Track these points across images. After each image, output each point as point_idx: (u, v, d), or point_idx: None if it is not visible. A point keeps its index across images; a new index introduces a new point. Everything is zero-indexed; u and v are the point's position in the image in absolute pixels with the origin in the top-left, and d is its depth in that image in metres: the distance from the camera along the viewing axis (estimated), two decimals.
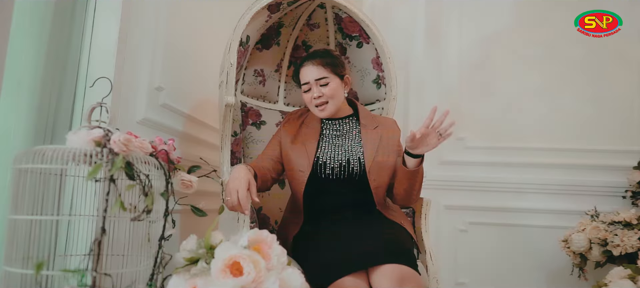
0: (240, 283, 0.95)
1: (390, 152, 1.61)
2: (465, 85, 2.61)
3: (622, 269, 1.54)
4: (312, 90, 1.59)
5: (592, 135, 2.46)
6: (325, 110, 1.59)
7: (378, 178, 1.56)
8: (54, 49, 1.41)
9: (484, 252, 2.47)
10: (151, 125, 1.71)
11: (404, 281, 1.24)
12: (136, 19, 1.61)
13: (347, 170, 1.57)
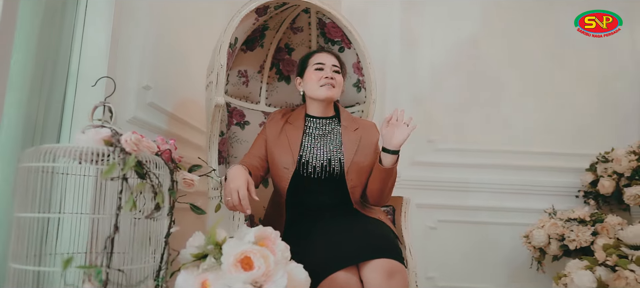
0: (252, 277, 1.01)
1: (368, 153, 1.69)
2: (437, 89, 2.76)
3: (578, 261, 1.71)
4: (325, 70, 1.69)
5: (551, 140, 2.67)
6: (331, 90, 1.68)
7: (355, 178, 1.64)
8: (44, 47, 1.40)
9: (451, 248, 2.62)
10: (139, 123, 1.72)
11: (392, 274, 1.34)
12: (127, 18, 1.61)
13: (328, 170, 1.64)
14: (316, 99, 1.75)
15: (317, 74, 1.73)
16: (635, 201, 2.13)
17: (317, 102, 1.77)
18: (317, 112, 1.79)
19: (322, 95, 1.71)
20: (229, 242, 1.10)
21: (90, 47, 1.49)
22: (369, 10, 2.68)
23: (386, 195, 1.65)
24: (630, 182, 2.19)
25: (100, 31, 1.50)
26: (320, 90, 1.71)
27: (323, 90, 1.70)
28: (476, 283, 2.60)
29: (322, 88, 1.70)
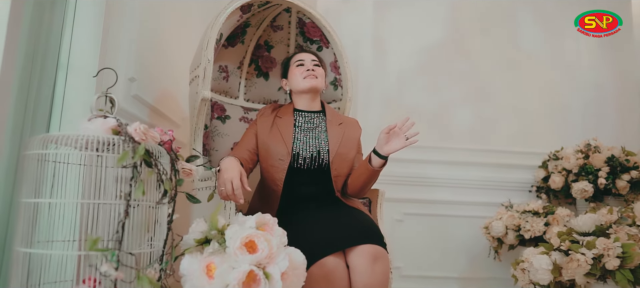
0: (257, 259, 1.09)
1: (351, 146, 1.81)
2: (405, 90, 2.91)
3: (534, 248, 1.90)
4: (306, 65, 1.81)
5: (507, 139, 2.89)
6: (314, 80, 1.79)
7: (338, 168, 1.75)
8: (33, 38, 1.40)
9: (416, 239, 2.78)
10: (124, 115, 1.73)
11: (376, 259, 1.45)
12: (116, 10, 1.62)
13: (317, 161, 1.74)
14: (302, 91, 1.84)
15: (299, 69, 1.82)
16: (581, 195, 2.37)
17: (303, 96, 1.85)
18: (304, 106, 1.87)
19: (307, 85, 1.80)
20: (231, 228, 1.17)
21: (81, 39, 1.49)
22: (342, 12, 2.79)
23: (366, 191, 1.77)
24: (578, 177, 2.43)
25: (92, 23, 1.51)
26: (304, 82, 1.80)
27: (306, 81, 1.80)
28: (439, 272, 2.78)
29: (305, 80, 1.80)
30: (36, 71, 1.43)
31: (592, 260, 1.58)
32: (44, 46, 1.45)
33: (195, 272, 1.12)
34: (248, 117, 2.26)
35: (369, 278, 1.43)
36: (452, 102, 2.94)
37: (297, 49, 2.32)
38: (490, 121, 2.93)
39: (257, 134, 1.80)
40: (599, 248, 1.58)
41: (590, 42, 2.99)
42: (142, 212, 1.14)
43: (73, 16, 1.51)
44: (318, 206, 1.67)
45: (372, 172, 1.64)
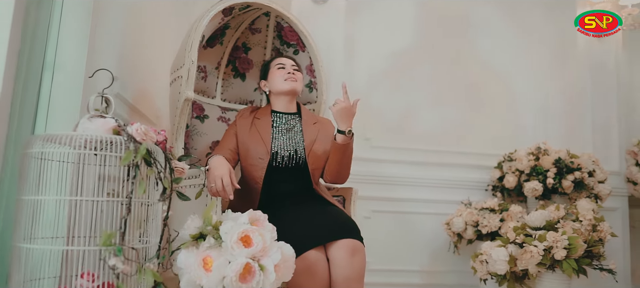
0: (252, 252, 1.18)
1: (326, 142, 1.92)
2: (373, 93, 3.05)
3: (491, 242, 2.08)
4: (286, 68, 1.90)
5: (466, 142, 3.10)
6: (294, 83, 1.90)
7: (315, 162, 1.86)
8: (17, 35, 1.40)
9: (383, 235, 2.93)
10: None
11: (355, 252, 1.57)
12: (102, 11, 1.65)
13: (295, 159, 1.84)
14: (281, 93, 1.93)
15: (280, 71, 1.92)
16: (532, 193, 2.60)
17: (281, 97, 1.94)
18: (281, 107, 1.96)
19: (287, 87, 1.90)
20: (226, 224, 1.25)
21: (68, 39, 1.50)
22: (315, 16, 2.88)
23: (344, 171, 1.87)
24: (529, 177, 2.66)
25: (79, 23, 1.52)
26: (284, 84, 1.90)
27: (287, 83, 1.90)
28: (403, 266, 2.94)
29: (286, 82, 1.90)
30: (22, 69, 1.43)
31: (543, 252, 1.77)
32: (29, 42, 1.45)
33: (192, 266, 1.19)
34: (226, 117, 2.32)
35: (348, 270, 1.54)
36: (417, 106, 3.12)
37: (274, 52, 2.40)
38: (452, 124, 3.13)
39: (237, 134, 1.88)
40: (549, 241, 1.77)
41: (542, 54, 3.25)
42: (135, 209, 1.19)
43: (60, 16, 1.52)
44: (297, 202, 1.77)
45: (341, 147, 1.76)
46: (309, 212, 1.68)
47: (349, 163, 1.86)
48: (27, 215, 1.07)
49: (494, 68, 3.22)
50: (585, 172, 2.56)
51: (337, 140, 1.77)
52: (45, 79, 1.49)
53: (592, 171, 2.60)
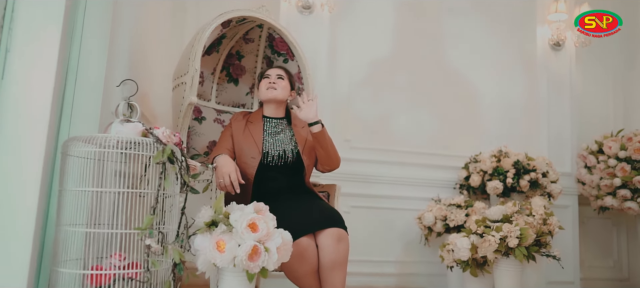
0: (259, 237, 1.41)
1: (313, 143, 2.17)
2: (354, 97, 3.31)
3: (457, 234, 2.37)
4: (270, 78, 2.13)
5: (437, 144, 3.40)
6: (273, 92, 2.12)
7: (308, 159, 2.12)
8: (64, 55, 1.59)
9: (361, 229, 3.19)
10: None
11: (340, 239, 1.82)
12: (117, 24, 1.84)
13: (283, 159, 2.08)
14: (264, 101, 2.17)
15: (264, 82, 2.16)
16: (493, 191, 2.92)
17: (268, 104, 2.18)
18: (270, 113, 2.19)
19: (267, 96, 2.15)
20: (234, 213, 1.48)
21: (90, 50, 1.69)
22: (302, 25, 3.12)
23: (333, 156, 2.13)
24: (491, 177, 2.97)
25: (100, 36, 1.71)
26: (265, 92, 2.14)
27: (267, 92, 2.14)
28: (379, 257, 3.22)
29: (267, 91, 2.14)
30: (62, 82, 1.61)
31: (499, 240, 2.07)
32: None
33: (206, 248, 1.42)
34: (221, 119, 2.54)
35: (334, 255, 1.79)
36: (394, 110, 3.40)
37: (265, 60, 2.63)
38: (424, 128, 3.42)
39: (233, 135, 2.10)
40: (504, 232, 2.07)
41: (506, 65, 3.58)
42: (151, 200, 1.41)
43: (81, 30, 1.70)
44: (288, 197, 2.01)
45: (318, 136, 2.03)
46: (300, 204, 1.92)
47: (333, 148, 2.12)
48: (70, 203, 1.27)
49: (464, 77, 3.53)
50: (539, 173, 2.89)
51: (313, 131, 2.03)
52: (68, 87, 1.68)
53: (546, 172, 2.94)
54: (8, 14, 1.26)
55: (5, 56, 1.25)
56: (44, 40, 1.29)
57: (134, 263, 1.31)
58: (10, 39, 1.26)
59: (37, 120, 1.26)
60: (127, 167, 1.33)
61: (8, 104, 1.24)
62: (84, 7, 1.50)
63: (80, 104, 1.67)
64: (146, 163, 1.36)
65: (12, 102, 1.24)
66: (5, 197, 1.21)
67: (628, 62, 3.80)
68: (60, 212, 1.29)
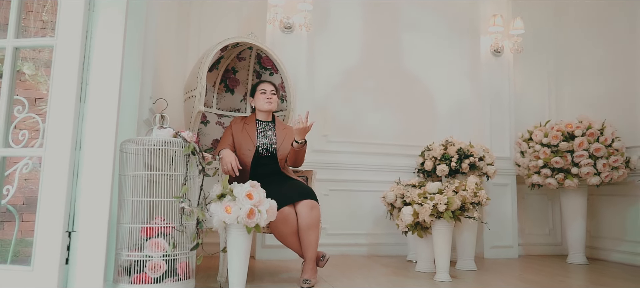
0: (253, 203, 2.10)
1: (288, 142, 2.84)
2: (330, 100, 4.00)
3: (407, 207, 3.07)
4: (266, 93, 2.80)
5: (399, 136, 4.10)
6: (270, 104, 2.81)
7: (282, 154, 2.80)
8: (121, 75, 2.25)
9: (338, 208, 3.89)
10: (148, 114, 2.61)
11: (312, 208, 2.51)
12: (144, 49, 2.49)
13: (270, 151, 2.77)
14: (262, 110, 2.84)
15: (262, 95, 2.82)
16: (442, 173, 3.62)
17: (262, 111, 2.85)
18: (262, 118, 2.87)
19: (265, 107, 2.82)
20: (236, 188, 2.16)
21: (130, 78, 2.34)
22: (284, 42, 3.79)
23: (299, 162, 2.82)
24: (440, 162, 3.68)
25: (134, 69, 2.35)
26: (264, 105, 2.81)
27: (265, 105, 2.81)
28: (353, 230, 3.92)
29: (265, 104, 2.81)
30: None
31: (432, 207, 2.77)
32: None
33: (218, 211, 2.10)
34: (221, 121, 3.22)
35: (309, 219, 2.49)
36: (363, 109, 4.09)
37: (254, 73, 3.30)
38: (389, 123, 4.12)
39: (233, 134, 2.78)
40: (436, 200, 2.77)
41: (456, 69, 4.29)
42: (177, 181, 2.09)
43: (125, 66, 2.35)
44: (275, 179, 2.70)
45: (295, 151, 2.71)
46: (284, 184, 2.62)
47: (302, 157, 2.80)
48: (127, 183, 1.95)
49: (420, 80, 4.24)
50: (477, 158, 3.60)
51: (294, 147, 2.69)
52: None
53: (483, 157, 3.65)
54: (86, 60, 1.93)
55: (86, 88, 1.92)
56: (108, 76, 1.95)
57: (170, 226, 1.99)
58: (88, 76, 1.93)
59: (107, 128, 1.92)
60: (158, 159, 2.00)
61: (89, 118, 1.91)
62: (127, 49, 2.15)
63: (125, 115, 2.34)
64: (173, 156, 2.04)
65: (91, 117, 1.91)
66: (93, 177, 1.88)
67: (558, 64, 4.53)
68: (121, 188, 1.97)
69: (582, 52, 4.30)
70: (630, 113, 3.79)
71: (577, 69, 4.35)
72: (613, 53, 4.01)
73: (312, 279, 2.49)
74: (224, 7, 3.95)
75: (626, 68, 3.87)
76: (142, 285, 1.86)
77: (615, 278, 3.09)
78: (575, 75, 4.36)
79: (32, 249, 1.80)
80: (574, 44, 4.40)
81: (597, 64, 4.16)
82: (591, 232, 4.14)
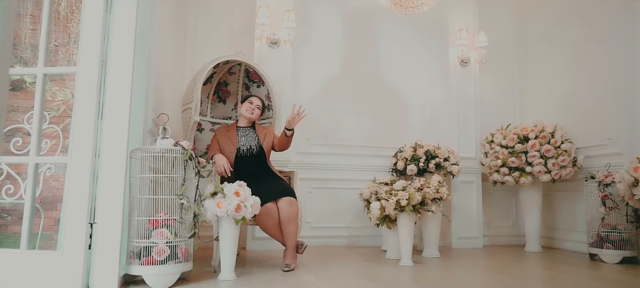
0: (240, 199, 2.55)
1: (269, 140, 3.29)
2: (312, 106, 4.44)
3: (375, 202, 3.52)
4: (252, 104, 3.25)
5: (376, 139, 4.55)
6: (253, 114, 3.26)
7: (267, 147, 3.26)
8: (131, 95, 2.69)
9: (320, 204, 4.35)
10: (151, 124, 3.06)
11: (291, 204, 2.96)
12: (150, 70, 2.93)
13: (251, 151, 3.22)
14: (244, 116, 3.29)
15: (248, 105, 3.28)
16: (411, 172, 4.08)
17: (243, 117, 3.29)
18: (243, 124, 3.32)
19: (246, 115, 3.28)
20: (226, 187, 2.61)
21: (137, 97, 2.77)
22: (271, 57, 4.23)
23: (286, 147, 3.29)
24: (410, 162, 4.13)
25: (140, 89, 2.80)
26: (248, 114, 3.27)
27: (247, 112, 3.26)
28: (334, 224, 4.37)
29: (247, 111, 3.28)
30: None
31: (395, 202, 3.23)
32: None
33: (211, 206, 2.55)
34: (214, 129, 3.66)
35: (288, 213, 2.94)
36: (342, 115, 4.55)
37: (244, 86, 3.75)
38: (366, 127, 4.58)
39: (218, 141, 3.22)
40: (399, 196, 3.23)
41: (427, 77, 4.75)
42: (177, 182, 2.53)
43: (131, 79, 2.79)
44: (259, 178, 3.14)
45: (285, 137, 3.18)
46: (267, 183, 3.06)
47: (290, 142, 3.26)
48: (137, 184, 2.39)
49: (395, 87, 4.70)
50: (442, 158, 4.06)
51: (286, 135, 3.16)
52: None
53: (448, 157, 4.11)
54: (102, 85, 2.37)
55: (102, 107, 2.36)
56: (120, 97, 2.39)
57: (172, 219, 2.43)
58: (103, 96, 2.37)
59: (120, 139, 2.36)
60: (161, 163, 2.44)
61: (105, 131, 2.35)
62: (135, 73, 2.58)
63: (133, 126, 2.78)
64: (173, 161, 2.49)
65: (107, 131, 2.35)
66: (109, 179, 2.32)
67: (522, 71, 5.00)
68: (132, 188, 2.41)
69: (545, 59, 4.75)
70: (584, 115, 4.23)
71: (540, 74, 4.81)
72: (573, 60, 4.46)
73: (292, 264, 2.94)
74: (216, 26, 4.39)
75: (583, 74, 4.32)
76: (150, 266, 2.31)
77: (554, 262, 3.57)
78: (538, 80, 4.83)
79: (49, 244, 2.23)
80: (536, 52, 4.86)
81: (557, 70, 4.61)
82: (549, 224, 4.61)
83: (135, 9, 2.44)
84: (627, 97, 3.74)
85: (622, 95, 3.79)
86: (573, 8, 4.40)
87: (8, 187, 2.97)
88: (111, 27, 2.41)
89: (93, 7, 2.37)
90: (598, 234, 3.62)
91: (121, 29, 2.42)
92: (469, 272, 3.14)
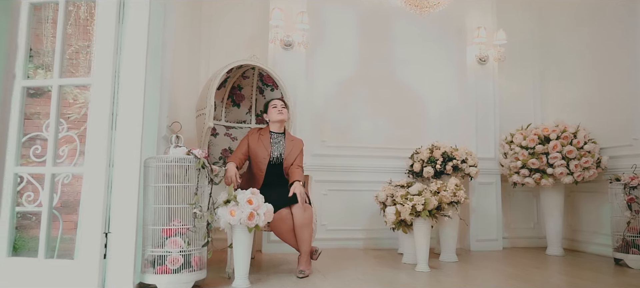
0: (253, 207, 2.54)
1: (294, 153, 3.26)
2: (327, 108, 4.41)
3: (390, 207, 3.47)
4: (277, 107, 3.22)
5: (392, 141, 4.50)
6: (281, 115, 3.21)
7: (286, 163, 3.22)
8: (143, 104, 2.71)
9: (336, 206, 4.32)
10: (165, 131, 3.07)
11: (306, 209, 2.94)
12: (163, 80, 2.94)
13: (280, 160, 3.20)
14: (275, 121, 3.26)
15: (274, 109, 3.25)
16: (428, 174, 4.01)
17: (275, 124, 3.27)
18: (275, 129, 3.29)
19: (278, 117, 3.24)
20: (239, 195, 2.60)
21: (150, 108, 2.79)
22: (285, 59, 4.21)
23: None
24: (427, 164, 4.07)
25: (154, 100, 2.81)
26: (276, 116, 3.23)
27: (278, 115, 3.23)
28: (350, 226, 4.34)
29: (278, 114, 3.23)
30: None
31: (411, 207, 3.18)
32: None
33: (225, 214, 2.55)
34: (229, 133, 3.67)
35: (302, 219, 2.92)
36: (357, 117, 4.50)
37: (257, 89, 3.74)
38: (382, 129, 4.53)
39: (249, 144, 3.21)
40: (414, 201, 3.18)
41: (445, 77, 4.66)
42: (190, 190, 2.54)
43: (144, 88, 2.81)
44: (278, 182, 3.13)
45: (292, 179, 3.12)
46: (283, 189, 3.05)
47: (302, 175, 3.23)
48: (150, 193, 2.41)
49: (411, 89, 4.62)
50: (459, 160, 3.98)
51: (295, 180, 3.09)
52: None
53: (466, 159, 4.02)
54: (115, 96, 2.39)
55: (116, 118, 2.38)
56: (133, 107, 2.41)
57: (186, 227, 2.44)
58: (117, 108, 2.39)
59: (134, 149, 2.38)
60: (174, 172, 2.45)
61: (119, 142, 2.37)
62: (148, 82, 2.59)
63: (147, 134, 2.80)
64: (187, 170, 2.49)
65: (120, 141, 2.37)
66: (123, 189, 2.34)
67: (543, 70, 4.86)
68: (146, 197, 2.43)
69: (566, 58, 4.61)
70: (608, 115, 4.09)
71: (561, 74, 4.67)
72: (595, 58, 4.31)
73: (306, 270, 2.93)
74: (231, 30, 4.39)
75: (606, 72, 4.17)
76: (164, 275, 2.33)
77: (577, 267, 3.46)
78: (559, 80, 4.69)
79: (69, 246, 2.27)
80: (557, 51, 4.72)
81: (579, 69, 4.46)
82: (572, 226, 4.48)
83: (147, 19, 2.46)
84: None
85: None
86: (594, 5, 4.25)
87: (28, 193, 3.04)
88: (123, 37, 2.43)
89: (105, 18, 2.39)
90: (623, 238, 3.50)
91: (133, 39, 2.43)
92: (486, 279, 3.07)
